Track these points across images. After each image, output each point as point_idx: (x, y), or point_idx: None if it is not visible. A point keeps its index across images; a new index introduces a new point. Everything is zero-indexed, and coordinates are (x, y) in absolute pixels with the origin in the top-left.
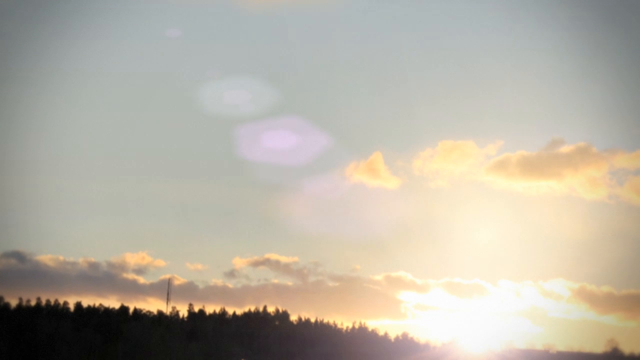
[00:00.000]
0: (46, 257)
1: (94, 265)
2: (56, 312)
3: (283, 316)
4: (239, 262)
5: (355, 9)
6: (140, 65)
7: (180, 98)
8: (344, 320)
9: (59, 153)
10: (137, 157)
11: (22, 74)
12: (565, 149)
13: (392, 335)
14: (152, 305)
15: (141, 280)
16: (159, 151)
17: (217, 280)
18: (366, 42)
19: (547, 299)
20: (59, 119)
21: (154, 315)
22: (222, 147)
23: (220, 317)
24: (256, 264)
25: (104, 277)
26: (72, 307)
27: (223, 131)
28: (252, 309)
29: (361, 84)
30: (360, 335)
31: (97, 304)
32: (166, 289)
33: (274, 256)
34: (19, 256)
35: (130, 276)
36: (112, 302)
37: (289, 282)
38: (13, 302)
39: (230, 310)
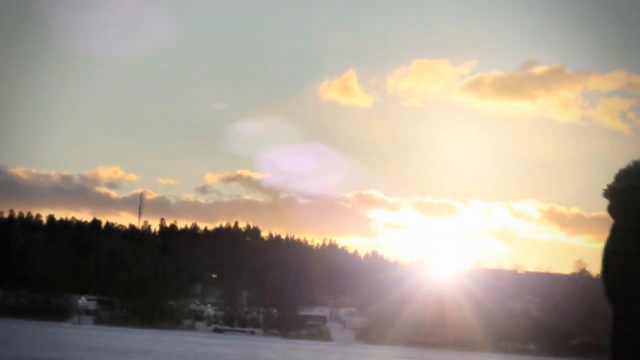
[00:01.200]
0: (19, 170)
1: (66, 179)
2: (29, 224)
3: (254, 232)
4: (210, 178)
5: None
6: None
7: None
8: (314, 237)
9: (32, 64)
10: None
11: None
12: (538, 69)
13: (362, 253)
14: (124, 219)
15: (113, 194)
16: (133, 64)
17: (189, 196)
18: None
19: (517, 219)
20: None
21: (126, 229)
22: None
23: (192, 233)
24: (228, 179)
25: (77, 190)
26: (44, 220)
27: None
28: (224, 224)
29: (335, 2)
30: (331, 252)
31: (69, 217)
32: (138, 204)
33: (245, 172)
34: None
35: (103, 190)
36: (85, 216)
37: (260, 198)
38: None
39: (201, 226)
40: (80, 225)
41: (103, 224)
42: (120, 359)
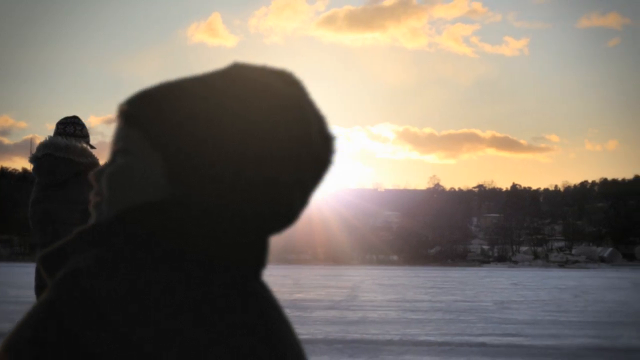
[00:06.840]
0: None
1: None
2: None
3: None
4: (94, 120)
5: None
6: None
7: None
8: None
9: None
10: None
11: None
12: (387, 2)
13: None
14: (17, 163)
15: (6, 140)
16: (17, 16)
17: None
18: None
19: (374, 141)
20: None
21: (19, 173)
22: (81, 9)
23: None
24: (110, 121)
25: None
26: None
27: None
28: None
29: None
30: None
31: None
32: (29, 148)
33: None
34: None
35: None
36: None
37: None
38: None
39: None
40: None
41: None
42: None
